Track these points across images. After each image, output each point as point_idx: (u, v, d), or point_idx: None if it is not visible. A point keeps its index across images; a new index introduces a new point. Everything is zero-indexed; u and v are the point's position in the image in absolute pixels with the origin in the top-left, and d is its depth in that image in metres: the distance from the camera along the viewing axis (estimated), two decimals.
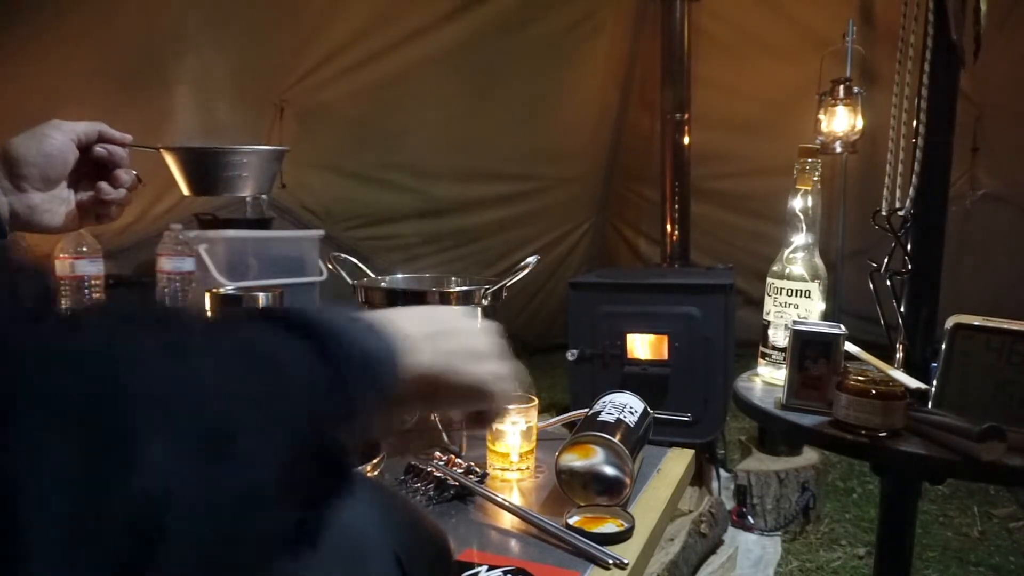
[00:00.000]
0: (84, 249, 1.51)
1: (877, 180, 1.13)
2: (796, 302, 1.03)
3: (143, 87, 2.37)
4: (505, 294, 1.11)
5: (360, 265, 1.19)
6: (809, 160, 1.03)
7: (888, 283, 1.07)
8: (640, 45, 3.46)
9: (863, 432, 0.80)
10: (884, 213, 1.08)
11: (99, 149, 0.80)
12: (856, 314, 2.15)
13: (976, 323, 0.84)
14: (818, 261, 1.04)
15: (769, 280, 1.07)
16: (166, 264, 1.69)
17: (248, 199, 2.46)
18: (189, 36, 2.42)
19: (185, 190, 0.93)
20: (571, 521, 0.82)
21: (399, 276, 1.25)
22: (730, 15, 3.22)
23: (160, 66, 2.41)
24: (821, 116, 2.72)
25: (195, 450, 0.29)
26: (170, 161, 0.91)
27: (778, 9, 3.13)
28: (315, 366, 0.38)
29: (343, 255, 1.20)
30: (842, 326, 0.92)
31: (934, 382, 0.87)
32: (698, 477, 2.07)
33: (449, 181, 3.33)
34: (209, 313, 1.23)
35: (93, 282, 1.52)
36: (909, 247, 1.07)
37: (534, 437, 1.03)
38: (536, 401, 1.03)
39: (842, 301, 2.73)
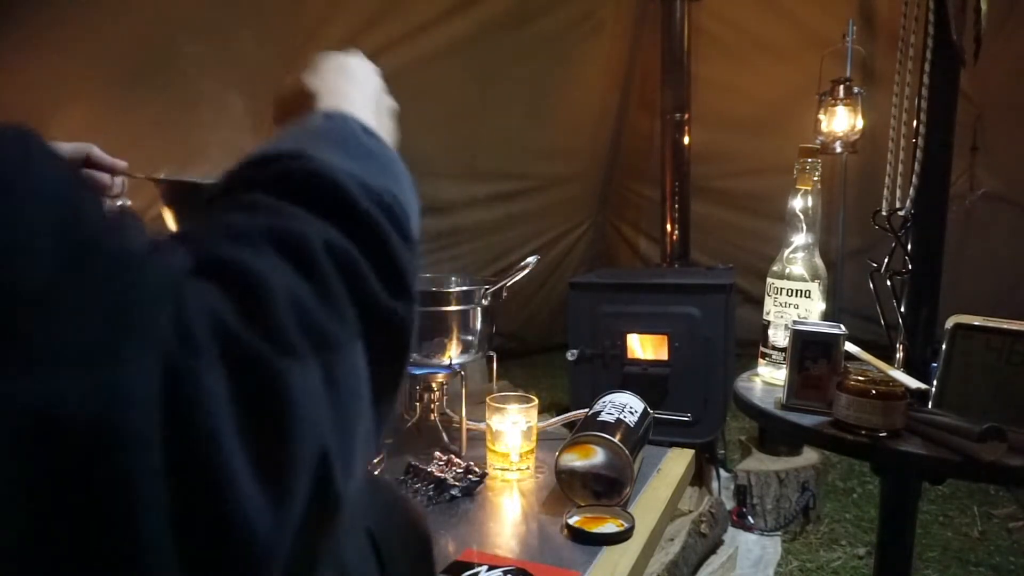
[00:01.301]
0: None
1: (877, 180, 1.13)
2: (796, 302, 1.03)
3: (142, 88, 2.37)
4: (505, 294, 1.11)
5: None
6: (809, 160, 1.03)
7: (888, 283, 1.07)
8: (640, 45, 3.46)
9: (863, 432, 0.80)
10: (884, 213, 1.08)
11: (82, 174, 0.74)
12: (856, 313, 2.16)
13: (976, 323, 0.84)
14: (818, 261, 1.04)
15: (769, 280, 1.07)
16: None
17: None
18: (188, 37, 2.42)
19: (172, 226, 0.76)
20: (571, 521, 0.82)
21: None
22: (730, 15, 3.22)
23: (160, 67, 2.41)
24: (821, 116, 2.71)
25: None
26: (161, 192, 0.75)
27: (778, 9, 3.13)
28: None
29: None
30: (842, 326, 0.92)
31: (934, 382, 0.87)
32: (698, 477, 2.07)
33: (448, 180, 3.33)
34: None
35: None
36: (909, 247, 1.07)
37: (534, 437, 1.03)
38: (536, 401, 1.03)
39: (842, 300, 2.73)
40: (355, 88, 0.52)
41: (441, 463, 0.99)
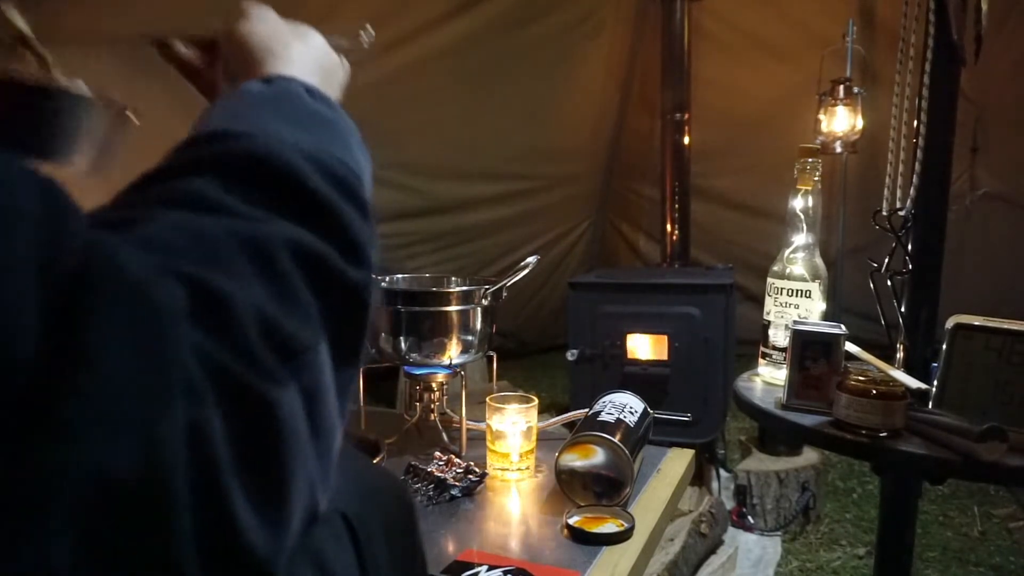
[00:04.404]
0: None
1: (877, 180, 1.13)
2: (796, 302, 1.03)
3: (139, 91, 2.36)
4: (505, 294, 1.11)
5: None
6: (809, 160, 1.03)
7: (888, 283, 1.07)
8: (640, 45, 3.46)
9: (863, 432, 0.80)
10: (884, 213, 1.09)
11: None
12: (856, 313, 2.15)
13: (976, 323, 0.84)
14: (818, 261, 1.04)
15: (769, 280, 1.07)
16: None
17: None
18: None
19: None
20: (571, 521, 0.82)
21: (399, 276, 1.26)
22: (730, 15, 3.22)
23: (157, 68, 2.41)
24: (821, 116, 2.71)
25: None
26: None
27: (778, 9, 3.13)
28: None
29: None
30: (842, 326, 0.92)
31: (934, 382, 0.87)
32: (698, 477, 2.06)
33: (449, 180, 3.32)
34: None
35: None
36: (909, 247, 1.07)
37: (534, 437, 1.03)
38: (536, 401, 1.03)
39: (842, 299, 2.73)
40: (299, 44, 0.51)
41: (441, 463, 0.99)
